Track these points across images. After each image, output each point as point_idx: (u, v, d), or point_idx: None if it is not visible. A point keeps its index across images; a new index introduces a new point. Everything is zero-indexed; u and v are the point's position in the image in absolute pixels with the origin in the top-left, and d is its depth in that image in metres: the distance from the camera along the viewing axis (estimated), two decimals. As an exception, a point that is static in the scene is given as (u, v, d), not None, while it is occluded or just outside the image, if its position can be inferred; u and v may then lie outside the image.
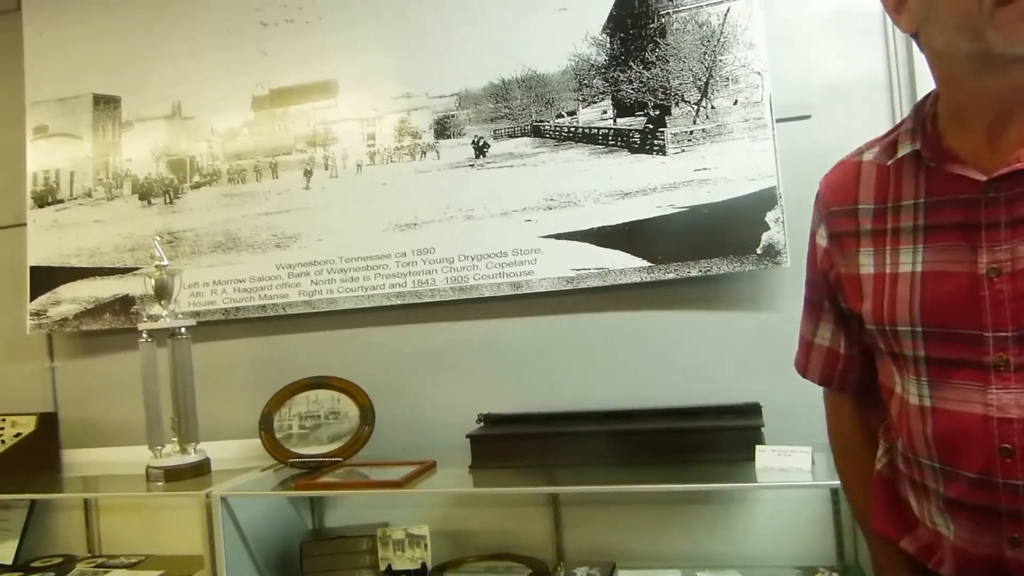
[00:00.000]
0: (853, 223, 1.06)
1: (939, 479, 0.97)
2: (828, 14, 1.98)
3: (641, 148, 2.06)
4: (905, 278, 0.98)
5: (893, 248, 1.00)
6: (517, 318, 2.14)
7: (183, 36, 2.39)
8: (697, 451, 1.76)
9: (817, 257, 1.15)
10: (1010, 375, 0.90)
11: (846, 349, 1.16)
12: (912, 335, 0.98)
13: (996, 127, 0.91)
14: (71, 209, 2.46)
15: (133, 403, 2.34)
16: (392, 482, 1.78)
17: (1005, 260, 0.90)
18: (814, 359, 1.21)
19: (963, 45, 0.87)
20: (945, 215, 0.95)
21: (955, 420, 0.94)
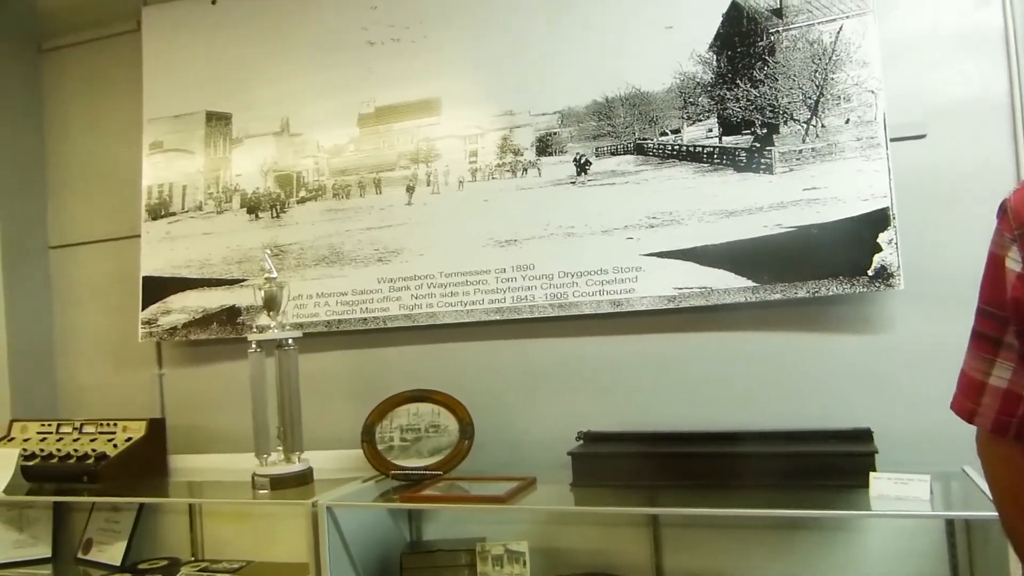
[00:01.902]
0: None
1: None
2: (946, 31, 1.98)
3: (747, 167, 2.09)
4: None
5: None
6: (617, 336, 2.19)
7: (292, 55, 2.54)
8: (806, 476, 1.78)
9: (1008, 284, 1.02)
10: None
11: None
12: None
13: None
14: (183, 222, 2.64)
15: (237, 411, 2.50)
16: (496, 497, 1.85)
17: None
18: (987, 403, 1.08)
19: None
20: None
21: None
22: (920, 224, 1.95)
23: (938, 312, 1.92)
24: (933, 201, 1.96)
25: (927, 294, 1.92)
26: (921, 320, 1.94)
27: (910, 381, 1.93)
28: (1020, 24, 1.93)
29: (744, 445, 1.92)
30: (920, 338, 1.94)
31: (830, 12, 2.03)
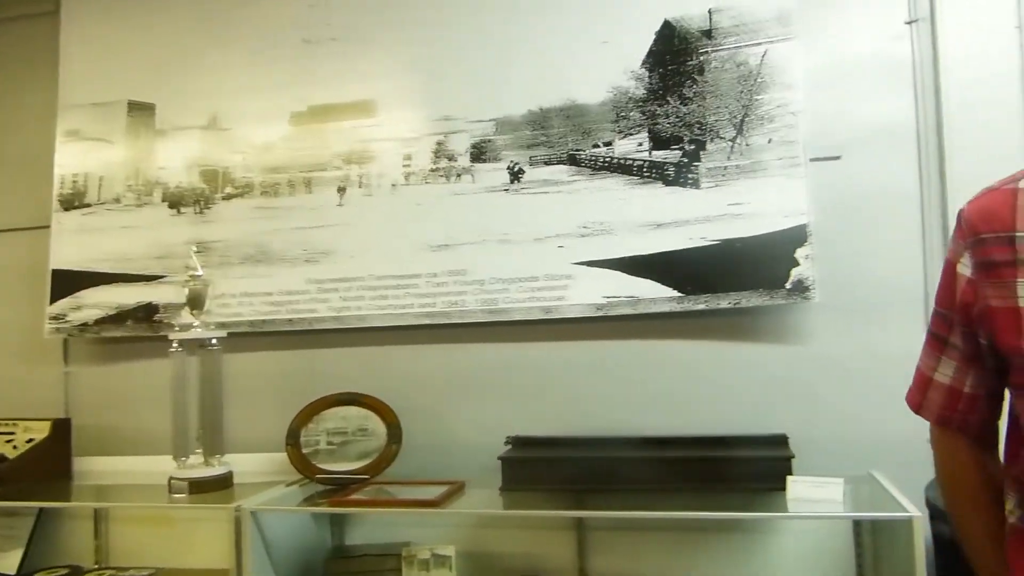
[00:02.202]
0: (1009, 252, 1.03)
1: None
2: (863, 62, 2.11)
3: (676, 181, 2.17)
4: None
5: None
6: (547, 342, 2.23)
7: (224, 48, 2.50)
8: (726, 480, 1.86)
9: (957, 289, 1.11)
10: None
11: (972, 389, 1.14)
12: None
13: None
14: (98, 214, 2.54)
15: (150, 412, 2.44)
16: (428, 501, 1.85)
17: None
18: (932, 397, 1.18)
19: None
20: None
21: None
22: (834, 241, 2.06)
23: (850, 324, 2.04)
24: (847, 219, 2.08)
25: (840, 307, 2.04)
26: (834, 331, 2.06)
27: (823, 389, 2.04)
28: (926, 58, 2.08)
29: (668, 450, 1.98)
30: (833, 348, 2.05)
31: (757, 36, 2.14)
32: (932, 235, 2.03)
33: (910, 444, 1.97)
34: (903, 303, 2.02)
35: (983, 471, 1.17)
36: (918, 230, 2.05)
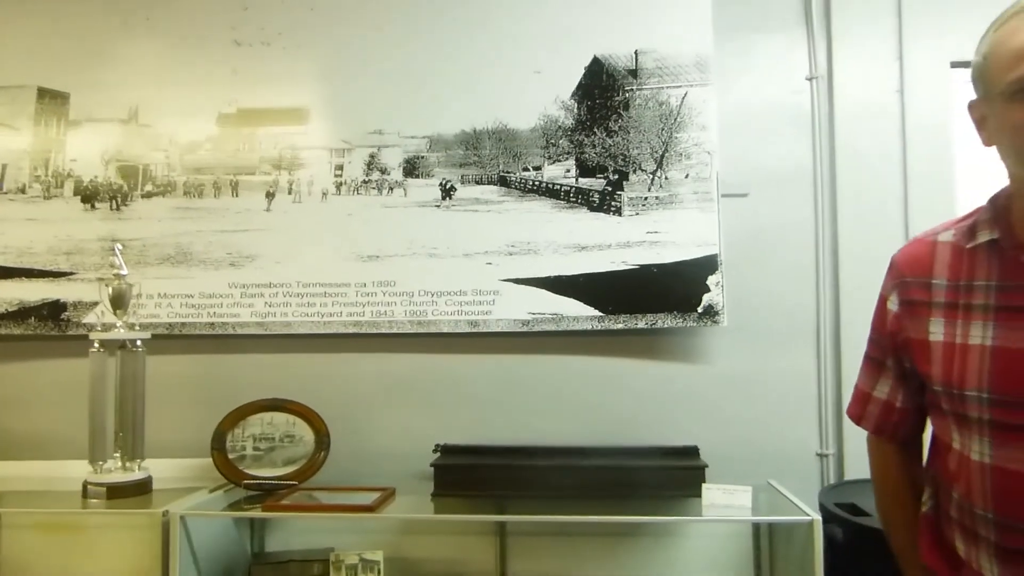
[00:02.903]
0: (926, 294, 1.24)
1: (993, 529, 1.15)
2: (769, 110, 2.36)
3: (600, 207, 2.33)
4: (976, 350, 1.16)
5: (965, 321, 1.18)
6: (474, 354, 2.34)
7: (148, 41, 2.44)
8: (644, 487, 2.02)
9: (887, 320, 1.32)
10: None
11: (903, 403, 1.34)
12: (979, 400, 1.15)
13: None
14: (1, 204, 2.42)
15: (54, 414, 2.37)
16: (364, 506, 1.91)
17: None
18: (871, 410, 1.39)
19: (1019, 171, 1.15)
20: (1016, 298, 1.14)
21: (1015, 479, 1.11)
22: (742, 270, 2.29)
23: (754, 346, 2.27)
24: (752, 251, 2.31)
25: (745, 330, 2.27)
26: (740, 353, 2.28)
27: (729, 405, 2.26)
28: (823, 111, 2.35)
29: (589, 459, 2.13)
30: (738, 368, 2.27)
31: (677, 80, 2.34)
32: (825, 267, 2.30)
33: (802, 456, 2.25)
34: (798, 328, 2.28)
35: (908, 473, 1.39)
36: (813, 262, 2.31)
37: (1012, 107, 1.09)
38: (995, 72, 1.12)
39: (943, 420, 1.25)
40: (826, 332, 2.27)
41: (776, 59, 2.38)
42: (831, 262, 2.29)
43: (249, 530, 2.25)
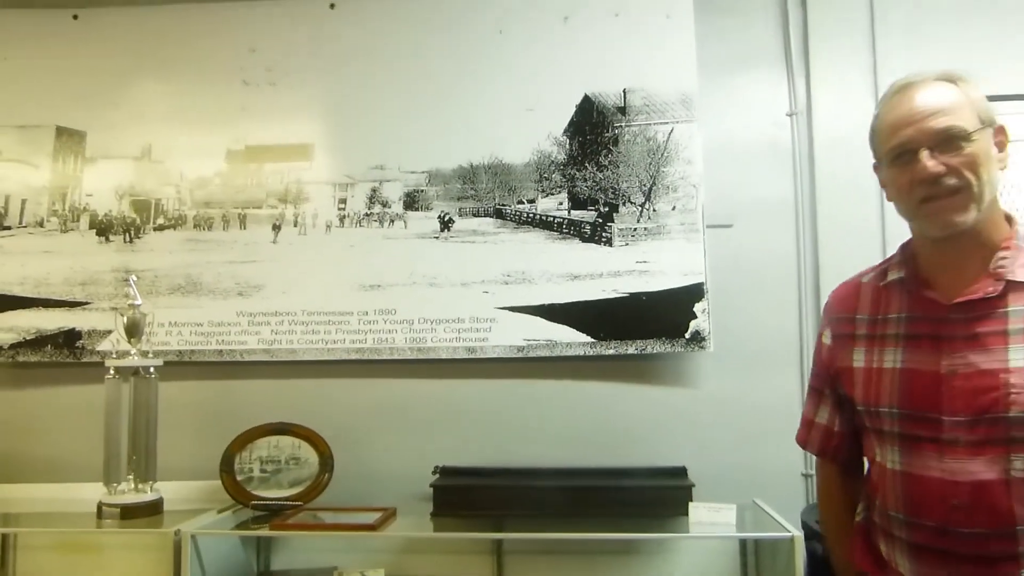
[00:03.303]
0: (852, 328, 1.45)
1: (905, 529, 1.31)
2: (752, 145, 2.49)
3: (591, 238, 2.45)
4: (888, 372, 1.36)
5: (880, 348, 1.39)
6: (471, 379, 2.45)
7: (162, 82, 2.58)
8: (634, 506, 2.13)
9: (823, 353, 1.53)
10: (960, 449, 1.25)
11: (840, 427, 1.51)
12: (891, 415, 1.34)
13: (956, 267, 1.33)
14: (19, 237, 2.55)
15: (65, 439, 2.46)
16: (367, 525, 2.01)
17: (960, 364, 1.27)
18: (814, 435, 1.56)
19: (912, 225, 1.36)
20: (919, 327, 1.34)
21: (920, 483, 1.29)
22: (727, 298, 2.40)
23: (738, 371, 2.38)
24: (736, 279, 2.43)
25: (730, 355, 2.38)
26: (725, 377, 2.39)
27: (716, 427, 2.36)
28: (803, 145, 2.48)
29: (582, 480, 2.24)
30: (724, 392, 2.38)
31: (664, 117, 2.47)
32: (807, 295, 2.41)
33: (785, 476, 2.35)
34: (781, 353, 2.39)
35: (846, 491, 1.54)
36: (795, 290, 2.42)
37: (893, 171, 1.34)
38: (880, 142, 1.37)
39: (868, 437, 1.42)
40: (808, 356, 2.37)
41: (757, 96, 2.52)
42: (813, 289, 2.40)
43: (256, 549, 2.35)
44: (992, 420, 1.24)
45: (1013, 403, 1.22)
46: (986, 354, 1.26)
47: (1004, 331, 1.26)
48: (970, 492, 1.24)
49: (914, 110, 1.29)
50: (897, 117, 1.31)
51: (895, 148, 1.31)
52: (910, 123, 1.29)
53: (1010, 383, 1.23)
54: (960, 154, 1.27)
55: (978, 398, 1.25)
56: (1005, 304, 1.27)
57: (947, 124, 1.27)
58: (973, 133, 1.27)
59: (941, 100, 1.29)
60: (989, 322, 1.27)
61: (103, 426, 2.16)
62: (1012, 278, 1.27)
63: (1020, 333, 1.25)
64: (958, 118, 1.28)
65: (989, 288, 1.28)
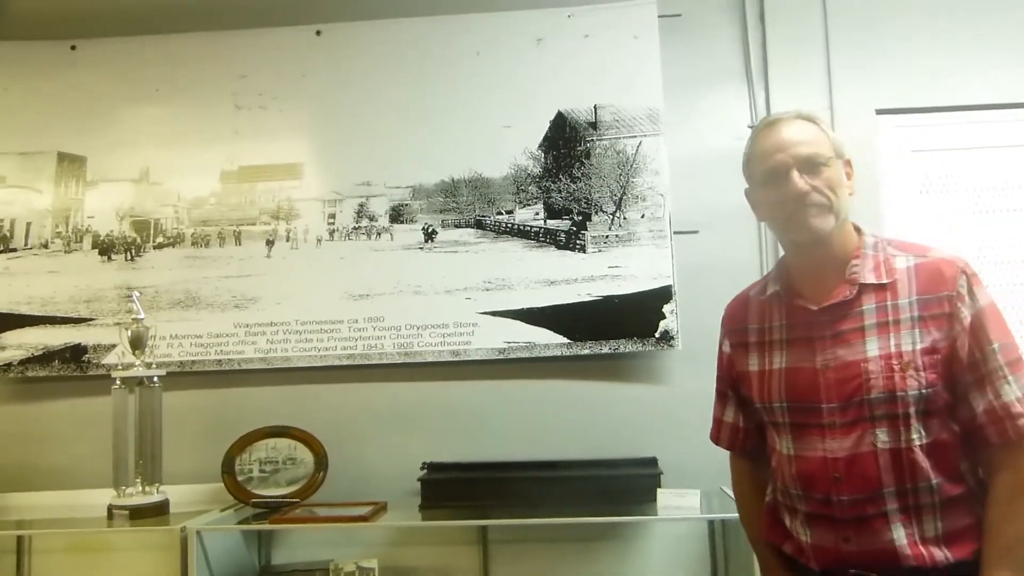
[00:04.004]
0: (745, 337, 1.67)
1: (802, 502, 1.54)
2: (715, 156, 2.67)
3: (566, 246, 2.64)
4: (776, 373, 1.58)
5: (769, 353, 1.61)
6: (456, 381, 2.63)
7: (157, 107, 2.76)
8: (609, 494, 2.31)
9: (724, 361, 1.76)
10: (836, 430, 1.48)
11: (744, 424, 1.73)
12: (782, 409, 1.56)
13: (819, 277, 1.55)
14: (24, 258, 2.72)
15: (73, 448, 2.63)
16: (358, 517, 2.19)
17: (831, 359, 1.49)
18: (724, 432, 1.78)
19: (783, 237, 1.58)
20: (797, 331, 1.56)
21: (808, 462, 1.52)
22: (694, 299, 2.58)
23: (706, 367, 2.49)
24: (702, 282, 2.60)
25: (696, 353, 2.53)
26: (692, 374, 2.56)
27: (685, 420, 2.52)
28: (763, 155, 2.66)
29: (560, 471, 2.42)
30: (691, 387, 2.56)
31: (632, 130, 2.66)
32: (767, 296, 2.59)
33: (750, 463, 2.51)
34: (745, 350, 2.56)
35: (755, 480, 1.74)
36: (756, 292, 2.60)
37: (766, 190, 1.55)
38: (752, 169, 1.59)
39: (769, 430, 1.64)
40: (771, 352, 2.56)
41: (720, 110, 2.71)
42: (772, 289, 2.59)
43: (257, 545, 2.51)
44: (859, 403, 1.46)
45: (872, 387, 1.44)
46: (849, 348, 1.48)
47: (861, 327, 1.48)
48: (846, 465, 1.46)
49: (783, 139, 1.52)
50: (771, 144, 1.53)
51: (769, 170, 1.52)
52: (781, 149, 1.51)
53: (868, 371, 1.45)
54: (820, 176, 1.49)
55: (846, 386, 1.47)
56: (860, 304, 1.50)
57: (811, 151, 1.50)
58: (829, 160, 1.51)
59: (805, 133, 1.53)
60: (849, 321, 1.50)
61: (111, 434, 2.33)
62: (863, 281, 1.50)
63: (873, 327, 1.47)
64: (819, 147, 1.51)
65: (846, 292, 1.50)
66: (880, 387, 1.44)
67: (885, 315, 1.48)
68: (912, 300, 1.47)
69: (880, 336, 1.47)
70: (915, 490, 1.43)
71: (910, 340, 1.45)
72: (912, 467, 1.43)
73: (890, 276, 1.50)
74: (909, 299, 1.48)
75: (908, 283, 1.49)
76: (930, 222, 2.65)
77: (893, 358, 1.45)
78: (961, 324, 1.44)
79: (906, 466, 1.43)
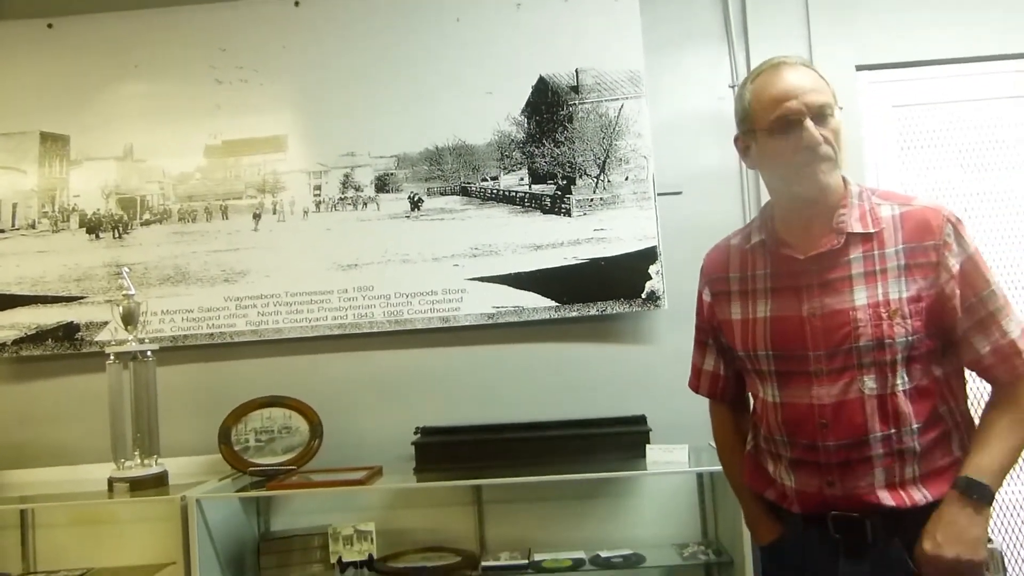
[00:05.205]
0: (726, 286, 1.70)
1: (786, 448, 1.59)
2: (697, 117, 2.74)
3: (551, 210, 2.70)
4: (760, 321, 1.61)
5: (752, 302, 1.63)
6: (446, 347, 2.70)
7: (138, 84, 2.79)
8: (599, 451, 2.40)
9: (704, 309, 1.78)
10: (824, 378, 1.51)
11: (724, 371, 1.77)
12: (767, 357, 1.59)
13: (806, 226, 1.57)
14: (13, 239, 2.76)
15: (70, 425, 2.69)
16: (355, 480, 2.27)
17: (817, 307, 1.52)
18: (703, 380, 1.82)
19: (782, 188, 1.59)
20: (782, 280, 1.59)
21: (794, 409, 1.54)
22: (679, 260, 2.65)
23: (690, 327, 2.54)
24: (687, 242, 2.65)
25: (682, 313, 2.54)
26: (678, 332, 2.55)
27: (671, 379, 2.57)
28: (745, 114, 2.72)
29: (551, 431, 2.50)
30: (678, 346, 2.55)
31: (614, 93, 2.71)
32: (750, 254, 2.66)
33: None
34: (730, 308, 2.64)
35: (736, 427, 1.80)
36: (740, 250, 2.67)
37: (773, 139, 1.52)
38: (757, 115, 1.55)
39: (750, 377, 1.68)
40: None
41: (701, 70, 2.77)
42: (756, 247, 2.66)
43: (256, 513, 2.59)
44: (847, 351, 1.49)
45: (861, 335, 1.48)
46: (836, 296, 1.51)
47: (849, 276, 1.51)
48: (833, 411, 1.50)
49: (794, 85, 1.50)
50: (780, 90, 1.51)
51: (780, 118, 1.50)
52: (793, 96, 1.49)
53: (857, 319, 1.49)
54: (828, 127, 1.50)
55: (834, 334, 1.50)
56: (847, 253, 1.52)
57: (823, 100, 1.50)
58: (834, 110, 1.51)
59: (814, 80, 1.52)
60: (836, 270, 1.53)
61: (108, 408, 2.39)
62: (850, 230, 1.52)
63: (861, 276, 1.51)
64: (827, 96, 1.51)
65: (834, 241, 1.53)
66: (868, 335, 1.47)
67: (872, 264, 1.51)
68: (899, 249, 1.50)
69: (868, 285, 1.50)
70: (899, 435, 1.48)
71: (896, 288, 1.48)
72: (896, 412, 1.48)
73: (876, 225, 1.52)
74: (896, 248, 1.50)
75: (894, 232, 1.52)
76: (912, 177, 2.72)
77: (881, 306, 1.48)
78: (949, 272, 1.48)
79: (891, 412, 1.48)
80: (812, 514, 1.56)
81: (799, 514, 1.58)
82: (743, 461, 1.74)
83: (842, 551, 1.53)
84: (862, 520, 1.50)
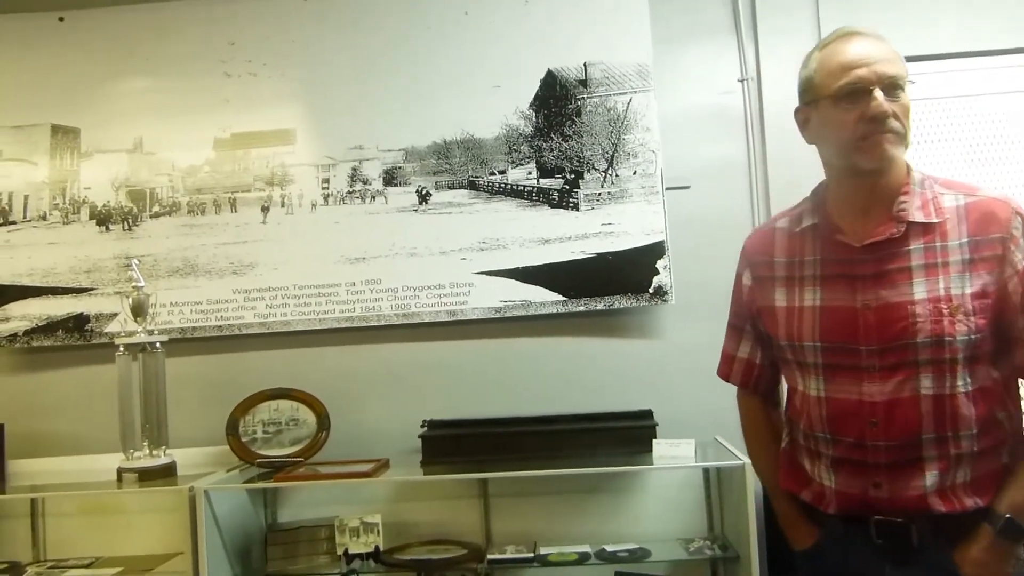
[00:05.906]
0: (771, 271, 1.61)
1: (829, 446, 1.50)
2: (706, 110, 2.75)
3: (559, 204, 2.71)
4: (808, 310, 1.53)
5: (800, 289, 1.55)
6: (453, 341, 2.72)
7: (148, 77, 2.82)
8: (605, 446, 2.41)
9: (743, 293, 1.69)
10: (876, 374, 1.44)
11: (761, 360, 1.69)
12: (814, 349, 1.51)
13: (863, 212, 1.50)
14: (24, 231, 2.80)
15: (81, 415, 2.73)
16: (362, 473, 2.29)
17: (872, 299, 1.45)
18: (736, 368, 1.73)
19: (840, 162, 1.50)
20: (834, 268, 1.51)
21: (841, 405, 1.47)
22: (686, 254, 2.67)
23: (698, 321, 2.64)
24: (695, 236, 2.69)
25: (690, 307, 2.64)
26: (686, 327, 2.66)
27: (678, 373, 2.64)
28: (754, 109, 2.73)
29: (557, 425, 2.52)
30: (685, 341, 2.65)
31: (622, 87, 2.72)
32: (759, 249, 2.67)
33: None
34: (738, 303, 2.65)
35: (768, 419, 1.74)
36: (748, 245, 2.68)
37: (837, 108, 1.45)
38: (823, 82, 1.48)
39: (789, 369, 1.62)
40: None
41: (709, 64, 2.77)
42: (764, 242, 2.67)
43: (263, 505, 2.62)
44: (902, 347, 1.43)
45: (919, 331, 1.41)
46: (894, 289, 1.44)
47: (908, 267, 1.44)
48: (885, 410, 1.44)
49: (866, 53, 1.43)
50: (849, 58, 1.44)
51: (847, 85, 1.42)
52: (864, 64, 1.42)
53: (915, 313, 1.41)
54: (898, 102, 1.43)
55: (889, 328, 1.44)
56: (907, 244, 1.45)
57: (896, 71, 1.43)
58: (906, 84, 1.44)
59: (887, 50, 1.45)
60: (894, 260, 1.45)
61: (117, 399, 2.42)
62: (912, 219, 1.45)
63: (921, 269, 1.43)
64: (901, 68, 1.45)
65: (893, 230, 1.45)
66: (927, 331, 1.41)
67: (934, 256, 1.44)
68: (963, 242, 1.43)
69: (928, 278, 1.43)
70: (956, 437, 1.42)
71: (960, 284, 1.42)
72: (955, 414, 1.42)
73: (939, 215, 1.46)
74: (960, 240, 1.44)
75: (958, 223, 1.45)
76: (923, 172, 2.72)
77: (942, 301, 1.41)
78: (1013, 267, 1.42)
79: (948, 413, 1.42)
80: (851, 516, 1.51)
81: (834, 515, 1.53)
82: (777, 460, 1.68)
83: (887, 557, 1.47)
84: (907, 524, 1.45)
